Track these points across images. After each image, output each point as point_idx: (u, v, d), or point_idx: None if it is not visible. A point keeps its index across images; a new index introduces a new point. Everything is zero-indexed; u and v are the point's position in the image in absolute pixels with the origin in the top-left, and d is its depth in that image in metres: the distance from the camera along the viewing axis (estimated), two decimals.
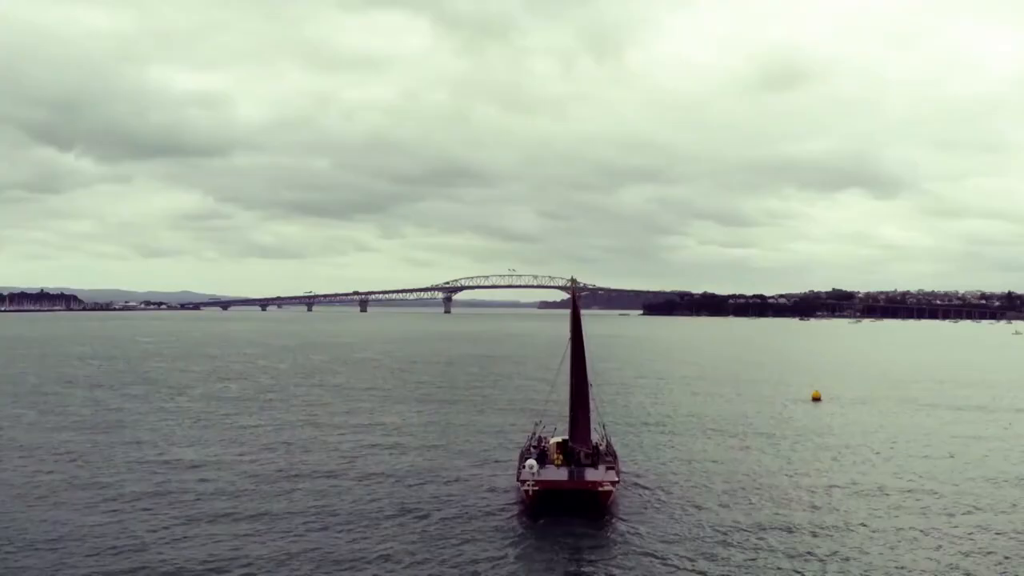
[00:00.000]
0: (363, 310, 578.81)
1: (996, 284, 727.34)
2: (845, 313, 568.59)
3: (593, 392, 38.57)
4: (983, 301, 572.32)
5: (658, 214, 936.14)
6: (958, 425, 56.44)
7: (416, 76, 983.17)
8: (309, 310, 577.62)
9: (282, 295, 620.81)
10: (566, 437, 38.92)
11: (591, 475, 34.26)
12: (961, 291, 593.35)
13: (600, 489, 32.92)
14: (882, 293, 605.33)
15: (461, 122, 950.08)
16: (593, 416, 38.44)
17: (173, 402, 64.55)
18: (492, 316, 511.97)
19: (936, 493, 36.41)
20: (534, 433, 43.12)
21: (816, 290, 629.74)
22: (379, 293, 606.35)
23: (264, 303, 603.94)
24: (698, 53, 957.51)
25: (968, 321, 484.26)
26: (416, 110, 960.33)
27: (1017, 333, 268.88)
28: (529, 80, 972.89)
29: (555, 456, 36.49)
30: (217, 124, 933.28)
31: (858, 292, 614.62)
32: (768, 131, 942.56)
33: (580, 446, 36.64)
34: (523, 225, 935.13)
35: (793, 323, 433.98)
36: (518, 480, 34.99)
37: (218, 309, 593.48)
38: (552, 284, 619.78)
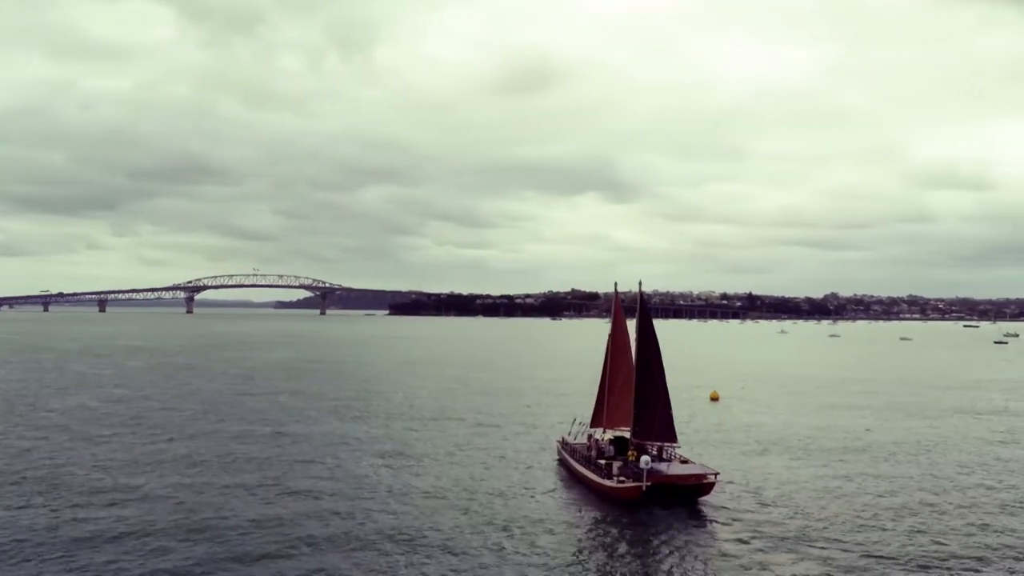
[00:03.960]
0: (102, 310, 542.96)
1: (725, 285, 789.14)
2: (592, 313, 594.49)
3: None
4: (725, 302, 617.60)
5: (397, 214, 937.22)
6: (902, 422, 62.23)
7: (158, 68, 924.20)
8: (45, 310, 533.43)
9: (13, 294, 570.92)
10: (619, 434, 40.66)
11: (693, 469, 36.27)
12: (695, 291, 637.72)
13: (705, 481, 34.94)
14: (623, 293, 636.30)
15: (202, 117, 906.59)
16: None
17: (53, 419, 59.22)
18: (241, 316, 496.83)
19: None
20: (570, 432, 44.37)
21: (555, 290, 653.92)
22: (120, 292, 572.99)
23: None
24: (448, 53, 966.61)
25: (714, 321, 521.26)
26: (156, 103, 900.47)
27: (783, 332, 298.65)
28: (275, 75, 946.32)
29: (629, 452, 38.08)
30: None
31: (598, 292, 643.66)
32: (512, 133, 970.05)
33: (650, 441, 38.26)
34: (261, 224, 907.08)
35: (549, 323, 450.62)
36: (605, 476, 36.30)
37: None
38: (297, 284, 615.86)
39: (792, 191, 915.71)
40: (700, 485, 35.13)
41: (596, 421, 43.86)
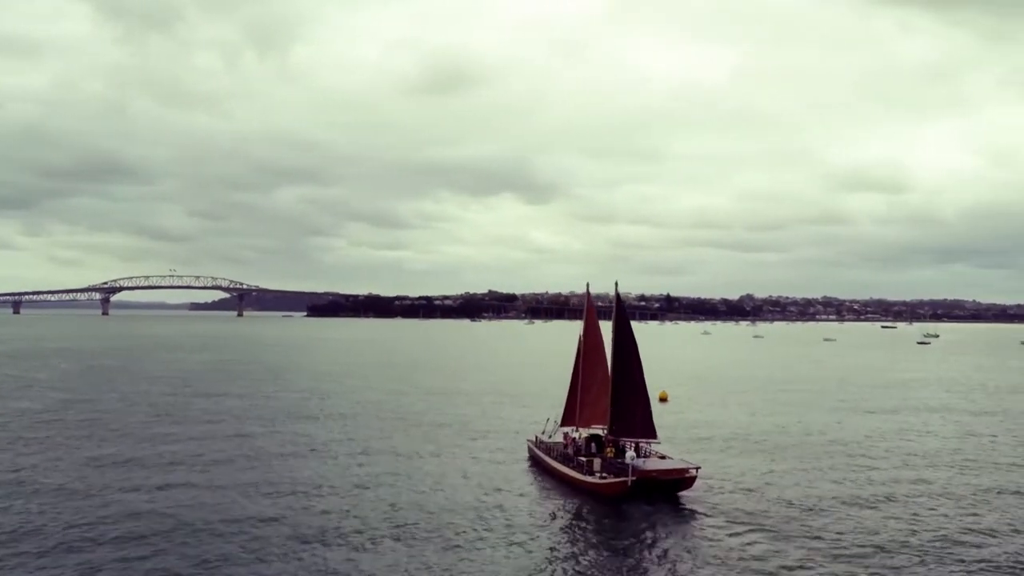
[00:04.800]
0: (16, 312, 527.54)
1: (641, 286, 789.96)
2: (510, 314, 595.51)
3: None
4: (643, 303, 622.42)
5: (312, 215, 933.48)
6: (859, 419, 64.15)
7: (73, 64, 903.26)
8: None
9: None
10: (595, 432, 41.37)
11: (674, 464, 37.25)
12: (611, 293, 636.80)
13: (687, 476, 35.92)
14: (540, 294, 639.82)
15: (117, 115, 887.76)
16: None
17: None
18: (159, 318, 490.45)
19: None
20: (544, 431, 44.94)
21: (472, 292, 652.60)
22: (34, 293, 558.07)
23: None
24: (366, 53, 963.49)
25: (633, 322, 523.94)
26: (71, 100, 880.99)
27: (706, 333, 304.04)
28: (191, 74, 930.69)
29: (607, 449, 38.86)
30: None
31: (516, 293, 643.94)
32: (428, 134, 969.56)
33: (632, 438, 39.05)
34: (176, 224, 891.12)
35: (469, 324, 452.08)
36: (587, 473, 37.10)
37: None
38: (214, 285, 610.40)
39: (708, 193, 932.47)
40: (682, 479, 36.01)
41: (569, 420, 44.38)
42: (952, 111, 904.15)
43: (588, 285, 46.10)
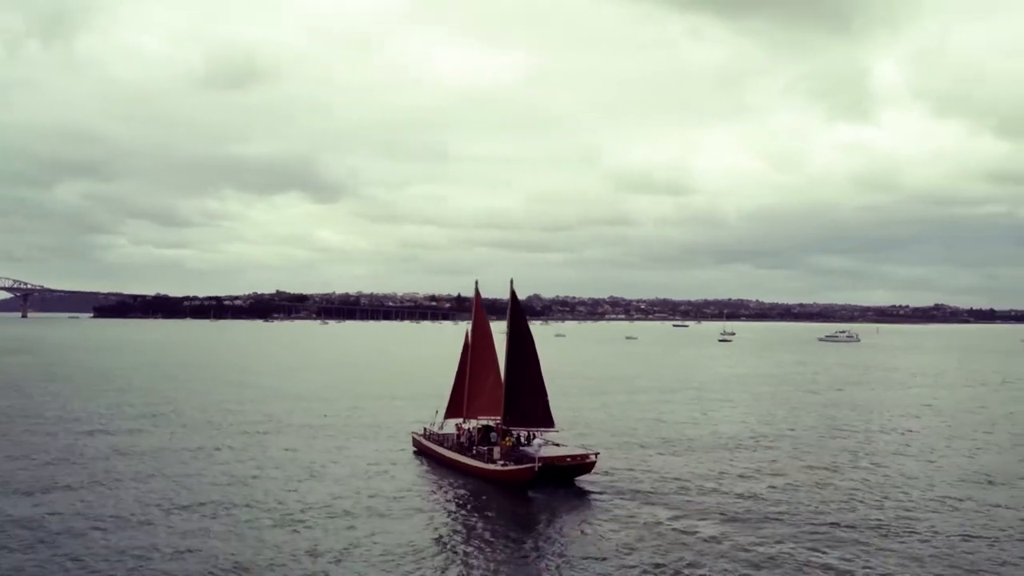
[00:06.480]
0: None
1: (429, 286, 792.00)
2: (302, 315, 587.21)
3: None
4: (433, 303, 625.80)
5: (93, 211, 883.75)
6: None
7: None
8: None
9: None
10: (486, 423, 43.27)
11: (575, 450, 39.93)
12: (400, 293, 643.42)
13: (588, 461, 38.70)
14: (330, 295, 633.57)
15: None
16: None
17: None
18: None
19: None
20: (434, 422, 46.47)
21: (259, 292, 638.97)
22: None
23: None
24: (151, 45, 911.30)
25: (426, 322, 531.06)
26: None
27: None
28: None
29: (503, 440, 40.89)
30: None
31: (305, 294, 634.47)
32: (214, 130, 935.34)
33: (530, 427, 41.24)
34: None
35: (263, 325, 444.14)
36: (488, 461, 39.26)
37: None
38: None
39: (496, 193, 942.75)
40: (584, 464, 38.56)
41: (455, 411, 45.94)
42: (737, 116, 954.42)
43: (476, 283, 47.42)
